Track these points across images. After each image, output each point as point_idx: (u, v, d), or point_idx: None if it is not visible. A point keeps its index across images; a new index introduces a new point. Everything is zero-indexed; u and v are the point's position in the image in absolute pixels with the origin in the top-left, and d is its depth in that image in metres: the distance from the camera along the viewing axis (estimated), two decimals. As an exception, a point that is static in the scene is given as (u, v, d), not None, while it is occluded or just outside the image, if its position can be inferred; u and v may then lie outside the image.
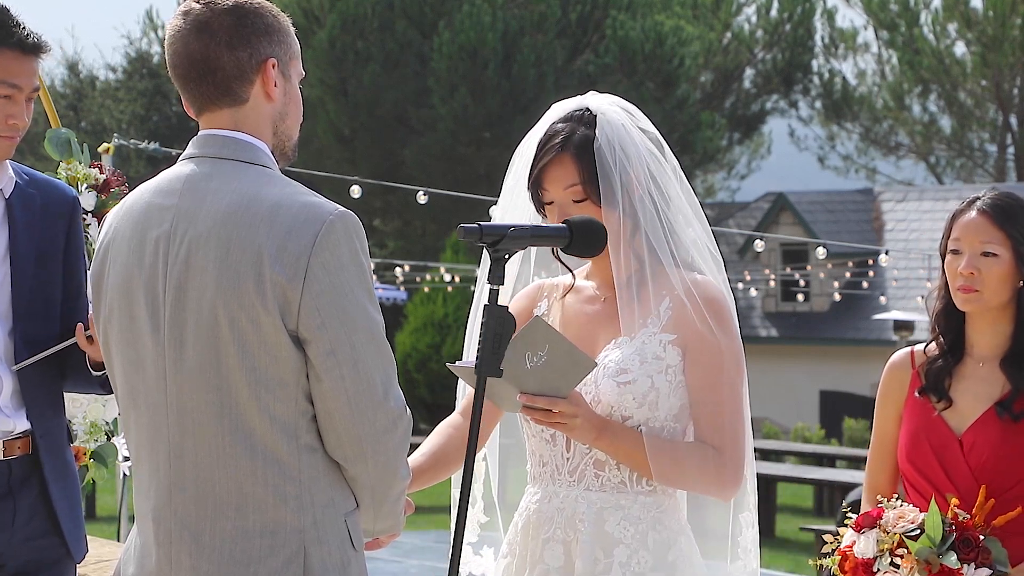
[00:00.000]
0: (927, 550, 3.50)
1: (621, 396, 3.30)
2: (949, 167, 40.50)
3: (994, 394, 3.68)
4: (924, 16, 38.30)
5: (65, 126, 4.77)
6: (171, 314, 2.80)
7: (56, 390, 3.77)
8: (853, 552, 3.61)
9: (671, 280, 3.37)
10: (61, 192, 3.84)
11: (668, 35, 31.10)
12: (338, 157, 30.95)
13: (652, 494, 3.35)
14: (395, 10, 30.36)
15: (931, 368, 3.75)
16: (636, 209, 3.38)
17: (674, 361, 3.33)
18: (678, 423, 3.35)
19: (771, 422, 25.84)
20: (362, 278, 2.78)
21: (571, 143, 3.38)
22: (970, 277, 3.65)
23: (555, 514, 3.37)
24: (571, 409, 3.20)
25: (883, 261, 13.50)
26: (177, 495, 2.81)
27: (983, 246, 3.66)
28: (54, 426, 3.74)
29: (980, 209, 3.68)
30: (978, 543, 3.51)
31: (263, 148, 2.89)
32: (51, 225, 3.75)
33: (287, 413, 2.76)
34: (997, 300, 3.67)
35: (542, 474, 3.42)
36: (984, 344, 3.73)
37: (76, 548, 3.74)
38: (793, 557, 14.67)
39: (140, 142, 10.58)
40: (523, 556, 3.41)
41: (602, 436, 3.26)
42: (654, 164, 3.43)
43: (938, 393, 3.73)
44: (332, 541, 2.79)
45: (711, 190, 41.16)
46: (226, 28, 2.85)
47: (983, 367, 3.72)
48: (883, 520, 3.59)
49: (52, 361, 3.70)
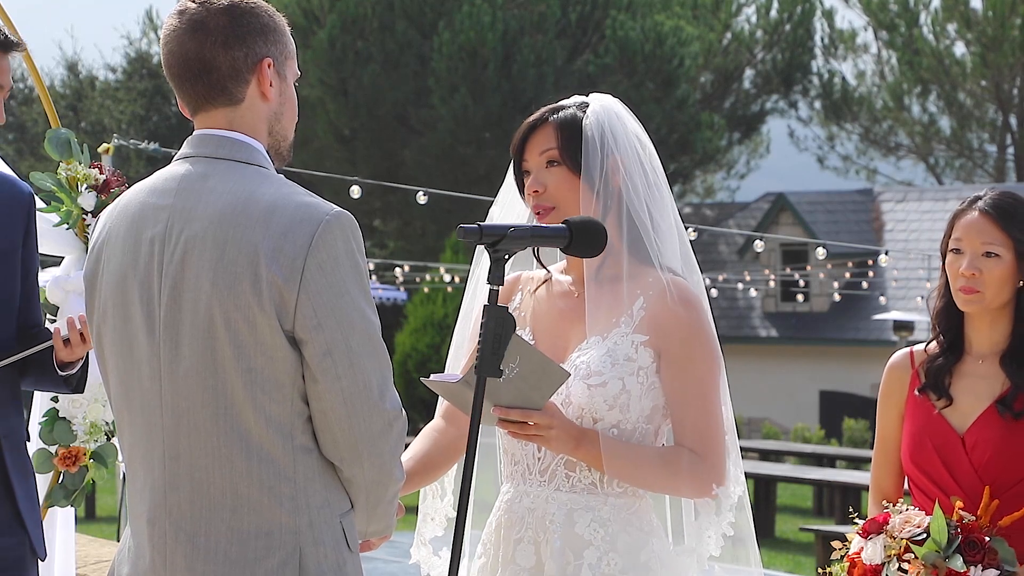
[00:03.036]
0: (933, 554, 3.50)
1: (592, 398, 3.28)
2: (949, 167, 40.48)
3: (994, 391, 3.69)
4: (924, 16, 38.29)
5: (65, 126, 4.77)
6: (166, 314, 2.79)
7: (17, 389, 3.76)
8: (861, 559, 3.61)
9: (646, 279, 3.35)
10: (17, 189, 3.82)
11: (668, 35, 31.09)
12: (338, 157, 30.94)
13: (623, 496, 3.34)
14: (395, 10, 30.35)
15: (931, 366, 3.76)
16: (615, 194, 3.37)
17: (646, 363, 3.31)
18: (650, 424, 3.34)
19: (771, 422, 25.85)
20: (358, 278, 2.77)
21: (557, 115, 3.40)
22: (972, 278, 3.65)
23: (526, 514, 3.36)
24: (546, 420, 3.18)
25: (883, 261, 13.51)
26: (172, 496, 2.80)
27: (985, 247, 3.66)
28: (15, 424, 3.73)
29: (982, 210, 3.68)
30: (984, 544, 3.51)
31: (259, 148, 2.88)
32: (9, 223, 3.73)
33: (283, 414, 2.75)
34: (998, 301, 3.68)
35: (514, 473, 3.41)
36: (983, 342, 3.73)
37: (40, 546, 3.72)
38: (793, 557, 14.68)
39: (140, 142, 10.60)
40: (496, 556, 3.40)
41: (579, 447, 3.25)
42: (644, 158, 3.42)
43: (938, 391, 3.73)
44: (327, 542, 2.78)
45: (711, 190, 41.15)
46: (221, 28, 2.84)
47: (983, 365, 3.72)
48: (889, 525, 3.59)
49: (16, 360, 3.69)
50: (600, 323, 3.34)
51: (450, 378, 3.16)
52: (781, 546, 15.46)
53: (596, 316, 3.34)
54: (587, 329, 3.34)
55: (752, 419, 27.53)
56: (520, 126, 3.44)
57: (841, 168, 41.37)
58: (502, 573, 3.37)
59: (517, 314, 3.47)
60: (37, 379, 3.77)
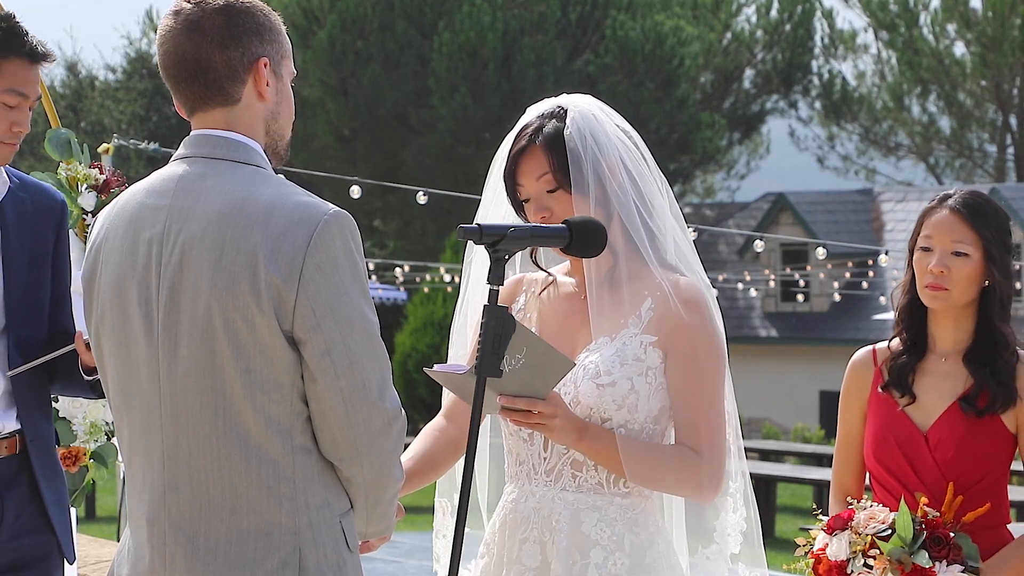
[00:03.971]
0: (899, 550, 3.53)
1: (600, 398, 3.28)
2: (949, 167, 40.48)
3: (957, 389, 3.71)
4: (923, 17, 38.29)
5: (65, 126, 4.77)
6: (165, 315, 2.78)
7: (46, 393, 3.78)
8: (826, 555, 3.63)
9: (653, 280, 3.34)
10: (51, 196, 3.85)
11: (668, 35, 31.10)
12: (338, 157, 30.95)
13: (629, 496, 3.34)
14: (395, 10, 30.36)
15: (894, 364, 3.78)
16: (610, 199, 3.36)
17: (654, 363, 3.31)
18: (657, 425, 3.34)
19: (771, 422, 25.85)
20: (357, 278, 2.76)
21: (541, 134, 3.38)
22: (940, 275, 3.67)
23: (531, 514, 3.36)
24: (550, 409, 3.19)
25: (883, 261, 13.50)
26: (171, 497, 2.79)
27: (954, 245, 3.67)
28: (43, 428, 3.75)
29: (952, 208, 3.69)
30: (949, 540, 3.54)
31: (256, 148, 2.87)
32: (42, 229, 3.76)
33: (282, 414, 2.75)
34: (964, 299, 3.70)
35: (519, 473, 3.41)
36: (947, 340, 3.75)
37: (68, 549, 3.74)
38: (793, 557, 14.67)
39: (140, 142, 10.60)
40: (500, 556, 3.40)
41: (582, 439, 3.25)
42: (629, 158, 3.41)
43: (901, 388, 3.75)
44: (327, 542, 2.78)
45: (711, 190, 41.16)
46: (217, 27, 2.83)
47: (946, 363, 3.74)
48: (854, 522, 3.62)
49: (43, 364, 3.71)
50: (606, 325, 3.34)
51: (456, 368, 3.16)
52: (781, 546, 15.44)
53: (601, 318, 3.34)
54: (592, 331, 3.34)
55: (752, 419, 27.53)
56: (508, 151, 3.41)
57: (841, 168, 41.39)
58: (507, 572, 3.37)
59: (523, 316, 3.46)
60: (65, 384, 3.79)
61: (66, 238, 3.86)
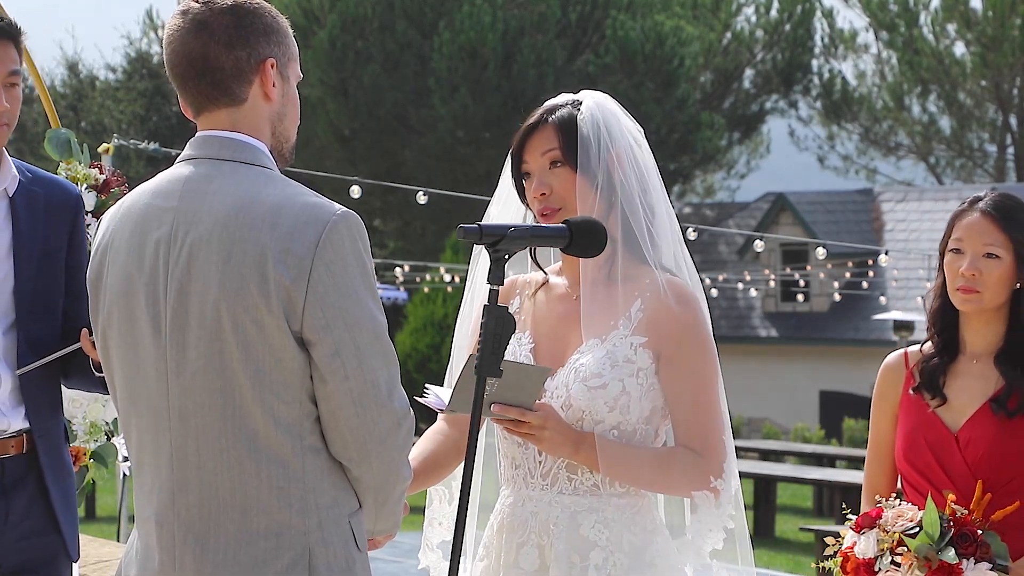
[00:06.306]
0: (926, 547, 3.52)
1: (592, 400, 3.28)
2: (949, 167, 40.49)
3: (988, 390, 3.71)
4: (924, 16, 38.29)
5: (65, 126, 4.76)
6: (173, 317, 2.78)
7: (56, 390, 3.77)
8: (854, 553, 3.62)
9: (645, 279, 3.34)
10: (65, 190, 3.83)
11: (668, 35, 31.10)
12: (338, 157, 30.95)
13: (626, 495, 3.34)
14: (395, 10, 30.36)
15: (926, 366, 3.78)
16: (615, 188, 3.36)
17: (645, 364, 3.31)
18: (649, 425, 3.34)
19: (771, 422, 25.84)
20: (365, 278, 2.76)
21: (554, 115, 3.40)
22: (972, 278, 3.67)
23: (529, 518, 3.36)
24: (539, 421, 3.19)
25: (883, 261, 13.51)
26: (180, 498, 2.79)
27: (986, 248, 3.68)
28: (52, 426, 3.73)
29: (983, 211, 3.70)
30: (977, 538, 3.53)
31: (262, 149, 2.87)
32: (54, 223, 3.74)
33: (291, 415, 2.75)
34: (996, 301, 3.70)
35: (515, 477, 3.41)
36: (978, 342, 3.75)
37: (72, 548, 3.74)
38: (793, 557, 14.67)
39: (140, 142, 10.60)
40: (498, 559, 3.40)
41: (579, 451, 3.25)
42: (640, 156, 3.42)
43: (932, 390, 3.75)
44: (336, 542, 2.78)
45: (711, 190, 41.15)
46: (225, 28, 2.83)
47: (977, 364, 3.75)
48: (882, 520, 3.61)
49: (54, 360, 3.70)
50: (596, 326, 3.34)
51: (437, 404, 3.21)
52: (781, 546, 15.46)
53: (591, 319, 3.34)
54: (583, 333, 3.34)
55: (752, 419, 27.53)
56: (519, 128, 3.44)
57: (841, 168, 41.39)
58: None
59: (517, 318, 3.46)
60: (78, 380, 3.78)
61: (83, 232, 3.83)
